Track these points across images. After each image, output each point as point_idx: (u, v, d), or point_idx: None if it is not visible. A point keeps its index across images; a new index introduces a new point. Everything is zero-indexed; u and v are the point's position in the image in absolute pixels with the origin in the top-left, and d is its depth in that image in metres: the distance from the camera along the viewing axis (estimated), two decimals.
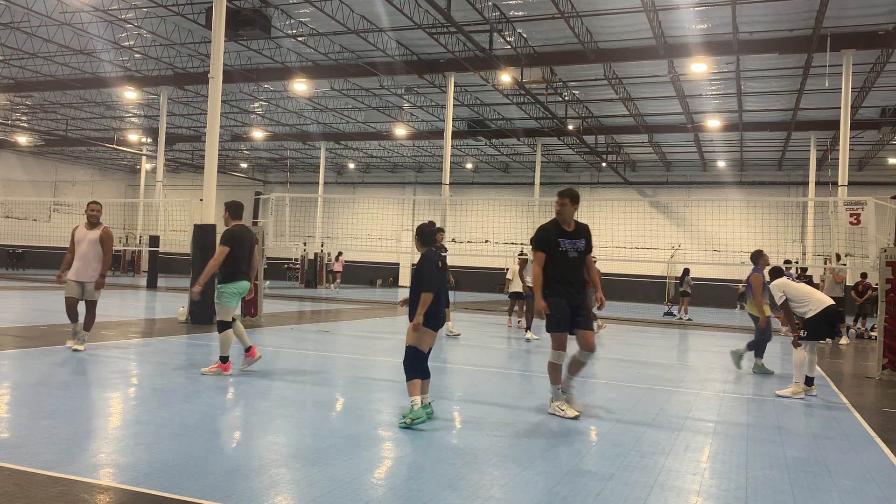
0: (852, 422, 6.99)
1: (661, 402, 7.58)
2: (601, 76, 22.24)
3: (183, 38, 21.31)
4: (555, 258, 6.43)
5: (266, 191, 45.96)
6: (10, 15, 20.36)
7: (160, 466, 4.37)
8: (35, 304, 16.55)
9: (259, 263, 8.54)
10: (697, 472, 4.91)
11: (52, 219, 40.52)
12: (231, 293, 8.17)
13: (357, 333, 13.62)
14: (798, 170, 34.53)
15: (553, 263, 6.43)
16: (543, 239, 6.50)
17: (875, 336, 13.86)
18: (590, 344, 6.54)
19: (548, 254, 6.44)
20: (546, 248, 6.46)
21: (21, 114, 34.59)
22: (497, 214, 35.90)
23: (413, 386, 5.91)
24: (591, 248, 6.68)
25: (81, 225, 9.42)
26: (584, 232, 6.64)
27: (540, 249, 6.50)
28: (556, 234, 6.49)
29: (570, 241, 6.49)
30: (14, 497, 3.73)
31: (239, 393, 6.95)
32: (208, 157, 14.17)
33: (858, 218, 12.55)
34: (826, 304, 8.16)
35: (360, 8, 18.39)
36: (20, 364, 8.00)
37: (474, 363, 10.19)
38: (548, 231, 6.53)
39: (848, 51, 18.26)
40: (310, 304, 22.17)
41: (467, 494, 4.15)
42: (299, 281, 37.47)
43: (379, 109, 28.75)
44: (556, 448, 5.34)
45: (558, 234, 6.49)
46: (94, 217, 9.34)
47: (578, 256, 6.52)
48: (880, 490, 4.68)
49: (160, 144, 27.44)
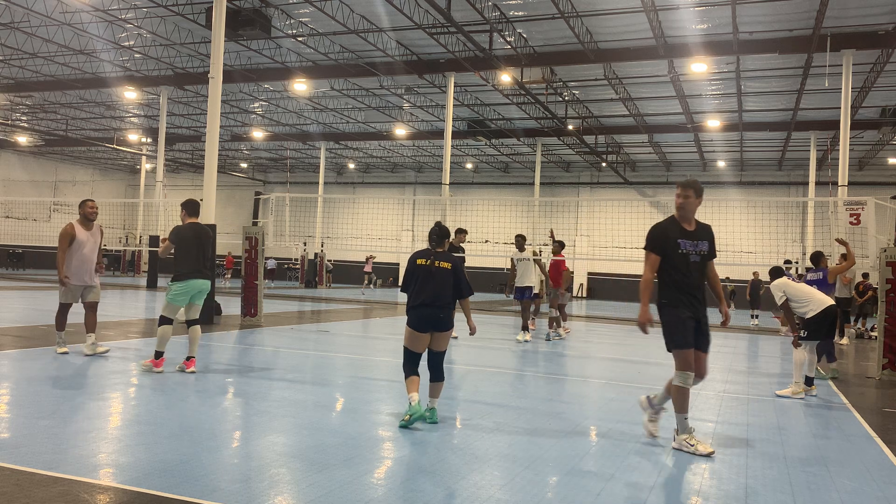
0: (852, 422, 6.99)
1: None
2: (601, 76, 22.25)
3: (183, 38, 21.32)
4: (674, 262, 5.46)
5: (266, 191, 45.97)
6: (10, 15, 20.37)
7: (160, 466, 4.37)
8: (35, 304, 16.55)
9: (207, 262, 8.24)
10: (697, 472, 4.90)
11: (52, 219, 40.53)
12: (176, 292, 7.98)
13: (357, 333, 13.62)
14: (798, 170, 34.54)
15: (672, 268, 5.46)
16: (660, 238, 5.52)
17: (875, 336, 13.86)
18: (703, 370, 5.58)
19: (664, 257, 5.48)
20: (662, 249, 5.48)
21: (21, 114, 34.60)
22: (497, 214, 35.93)
23: (406, 384, 5.89)
24: (714, 252, 5.67)
25: (77, 224, 8.76)
26: (706, 233, 5.64)
27: (654, 251, 5.51)
28: (676, 234, 5.49)
29: (692, 243, 5.51)
30: (14, 497, 3.73)
31: (239, 393, 6.95)
32: (208, 157, 14.17)
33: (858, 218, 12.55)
34: (826, 305, 8.16)
35: (360, 8, 18.39)
36: (20, 364, 7.99)
37: (474, 363, 10.18)
38: (666, 229, 5.53)
39: (848, 51, 18.26)
40: (310, 304, 22.17)
41: (467, 494, 4.15)
42: (299, 281, 37.48)
43: (379, 109, 28.76)
44: (557, 448, 5.34)
45: (679, 234, 5.49)
46: (94, 216, 8.89)
47: (700, 261, 5.55)
48: (880, 490, 4.68)
49: (160, 144, 27.45)
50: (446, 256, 6.00)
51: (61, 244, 8.64)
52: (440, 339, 5.91)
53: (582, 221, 38.39)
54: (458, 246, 13.58)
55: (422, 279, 5.87)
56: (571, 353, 12.18)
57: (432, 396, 6.00)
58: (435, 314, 5.80)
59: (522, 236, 13.28)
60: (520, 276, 13.15)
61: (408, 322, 5.87)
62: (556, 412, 6.71)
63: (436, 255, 5.97)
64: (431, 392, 6.00)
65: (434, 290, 5.82)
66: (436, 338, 5.89)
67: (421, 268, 5.91)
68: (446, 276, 5.89)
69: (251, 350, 10.30)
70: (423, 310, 5.80)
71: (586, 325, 18.80)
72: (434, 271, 5.88)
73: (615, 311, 25.34)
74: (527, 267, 13.10)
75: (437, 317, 5.80)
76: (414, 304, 5.84)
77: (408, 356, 5.93)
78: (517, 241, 13.19)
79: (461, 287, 5.94)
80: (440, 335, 5.89)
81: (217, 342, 10.92)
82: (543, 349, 12.38)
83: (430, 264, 5.89)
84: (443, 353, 5.99)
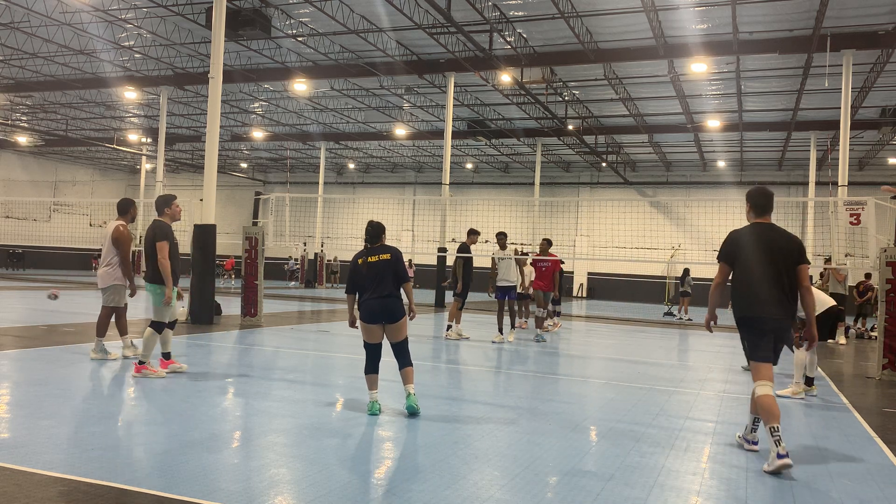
0: (852, 422, 6.99)
1: (662, 402, 7.58)
2: (601, 76, 22.24)
3: (183, 38, 21.32)
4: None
5: (266, 191, 45.97)
6: (10, 15, 20.36)
7: (160, 466, 4.37)
8: (35, 304, 16.55)
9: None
10: (697, 472, 4.90)
11: (52, 219, 40.55)
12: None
13: (357, 333, 13.60)
14: (798, 170, 34.54)
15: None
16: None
17: (875, 336, 13.85)
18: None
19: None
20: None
21: (21, 114, 34.59)
22: (497, 214, 35.90)
23: (366, 381, 6.35)
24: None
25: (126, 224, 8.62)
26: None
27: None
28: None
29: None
30: (14, 497, 3.73)
31: (239, 393, 6.95)
32: (208, 157, 14.17)
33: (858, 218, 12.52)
34: (828, 305, 8.17)
35: (360, 8, 18.39)
36: (20, 364, 8.00)
37: (475, 363, 10.19)
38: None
39: (848, 51, 18.26)
40: (310, 304, 22.17)
41: (467, 494, 4.15)
42: (299, 281, 37.47)
43: (379, 109, 28.76)
44: (557, 448, 5.34)
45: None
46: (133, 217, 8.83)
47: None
48: (880, 490, 4.68)
49: (160, 144, 27.45)
50: (384, 249, 6.32)
51: (127, 247, 8.53)
52: (394, 331, 6.20)
53: (582, 221, 38.38)
54: (468, 247, 13.52)
55: (364, 275, 6.20)
56: (571, 353, 12.18)
57: (406, 383, 6.27)
58: (381, 305, 6.11)
59: (504, 234, 13.12)
60: (501, 275, 12.94)
61: (360, 317, 6.22)
62: (556, 412, 6.71)
63: (373, 250, 6.31)
64: (404, 379, 6.30)
65: (377, 283, 6.16)
66: (389, 329, 6.20)
67: (362, 265, 6.24)
68: (386, 266, 6.21)
69: (251, 350, 10.30)
70: (371, 302, 6.11)
71: (586, 325, 18.80)
72: (374, 264, 6.20)
73: (615, 311, 25.34)
74: (508, 266, 12.91)
75: (383, 307, 6.11)
76: (362, 300, 6.19)
77: (366, 350, 6.30)
78: (498, 238, 13.03)
79: (401, 275, 6.26)
80: (392, 326, 6.18)
81: (217, 342, 10.92)
82: (542, 350, 12.38)
83: (375, 260, 6.23)
84: (403, 341, 6.27)
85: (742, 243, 5.35)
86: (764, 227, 5.43)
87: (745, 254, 5.31)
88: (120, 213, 8.63)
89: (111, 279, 8.47)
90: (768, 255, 5.26)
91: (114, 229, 8.48)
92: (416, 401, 6.19)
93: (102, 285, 8.54)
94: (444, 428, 5.81)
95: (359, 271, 6.26)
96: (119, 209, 8.67)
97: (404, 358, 6.29)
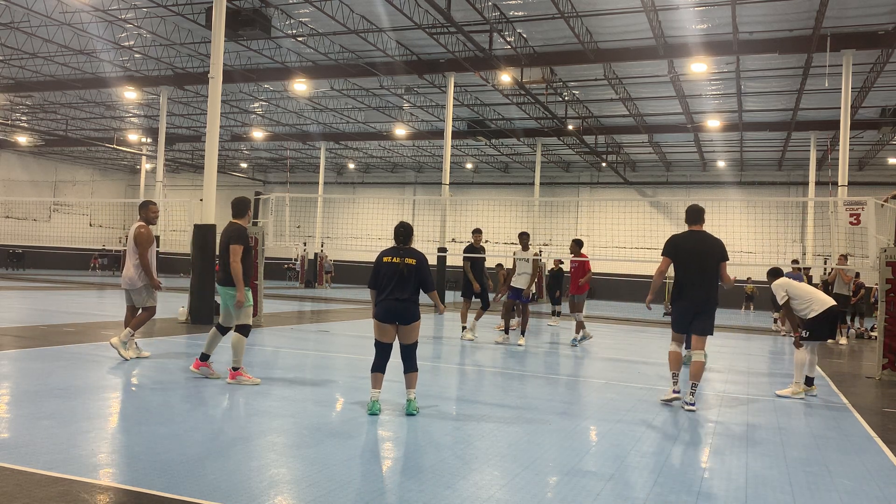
0: (852, 422, 6.99)
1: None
2: (601, 76, 22.24)
3: (183, 38, 21.32)
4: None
5: (266, 191, 45.96)
6: (10, 15, 20.36)
7: (160, 466, 4.37)
8: (35, 304, 16.56)
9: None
10: (697, 472, 4.90)
11: (52, 219, 40.55)
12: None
13: (357, 333, 13.61)
14: (798, 170, 34.53)
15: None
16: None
17: (875, 336, 13.85)
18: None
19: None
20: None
21: (21, 114, 34.59)
22: (497, 214, 35.91)
23: (371, 378, 6.30)
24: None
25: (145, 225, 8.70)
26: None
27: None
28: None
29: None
30: (14, 497, 3.73)
31: (239, 393, 6.94)
32: (208, 157, 14.17)
33: (858, 218, 12.51)
34: (828, 305, 8.17)
35: (360, 8, 18.39)
36: (20, 364, 8.00)
37: (474, 363, 10.19)
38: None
39: (848, 51, 18.25)
40: (310, 304, 22.17)
41: (467, 494, 4.15)
42: (299, 281, 37.48)
43: (379, 109, 28.75)
44: (557, 448, 5.34)
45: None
46: (156, 219, 8.90)
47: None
48: (880, 490, 4.68)
49: (160, 144, 27.44)
50: (410, 252, 6.30)
51: (148, 247, 8.53)
52: (406, 332, 6.21)
53: (582, 221, 38.35)
54: (479, 246, 13.46)
55: (388, 275, 6.18)
56: (571, 353, 12.17)
57: (408, 387, 6.29)
58: (399, 307, 6.12)
59: (526, 234, 12.70)
60: (518, 276, 12.66)
61: (374, 315, 6.22)
62: (556, 412, 6.71)
63: (400, 251, 6.29)
64: (407, 383, 6.31)
65: (399, 285, 6.15)
66: (402, 330, 6.20)
67: (388, 265, 6.22)
68: (411, 271, 6.21)
69: (251, 350, 10.29)
70: (389, 303, 6.13)
71: (586, 325, 18.76)
72: (401, 267, 6.18)
73: (615, 311, 25.33)
74: (526, 268, 12.63)
75: (401, 309, 6.12)
76: (380, 299, 6.18)
77: (377, 348, 6.26)
78: (521, 238, 12.63)
79: (426, 282, 6.29)
80: (406, 328, 6.18)
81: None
82: (542, 350, 12.38)
83: (399, 261, 6.21)
84: (412, 345, 6.29)
85: (678, 244, 7.34)
86: (695, 233, 7.39)
87: (680, 253, 7.26)
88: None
89: (141, 280, 8.59)
90: (696, 255, 7.21)
91: (135, 229, 8.59)
92: (416, 407, 6.23)
93: (131, 286, 8.62)
94: (444, 428, 5.81)
95: (382, 269, 6.24)
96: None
97: (410, 361, 6.30)
